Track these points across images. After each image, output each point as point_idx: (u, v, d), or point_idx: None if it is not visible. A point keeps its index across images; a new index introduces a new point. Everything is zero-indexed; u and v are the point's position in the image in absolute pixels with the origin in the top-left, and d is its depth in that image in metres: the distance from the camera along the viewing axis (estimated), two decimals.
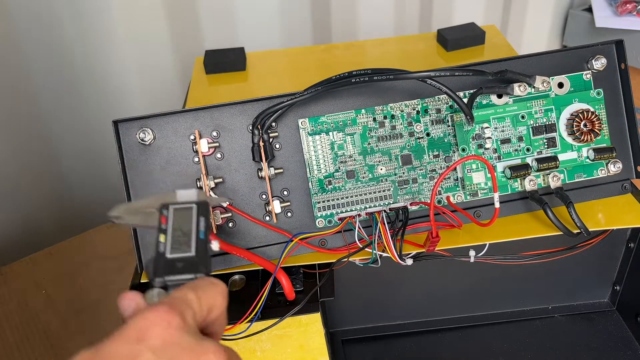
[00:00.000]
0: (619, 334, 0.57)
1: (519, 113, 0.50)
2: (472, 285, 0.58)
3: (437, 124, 0.50)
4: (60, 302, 0.70)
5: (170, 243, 0.32)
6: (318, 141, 0.49)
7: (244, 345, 0.49)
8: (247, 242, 0.49)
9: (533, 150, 0.51)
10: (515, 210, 0.52)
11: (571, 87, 0.51)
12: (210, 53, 0.76)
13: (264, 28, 0.96)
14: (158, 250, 0.32)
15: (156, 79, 0.91)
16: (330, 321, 0.58)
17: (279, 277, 0.47)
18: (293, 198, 0.49)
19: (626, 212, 0.51)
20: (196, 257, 0.32)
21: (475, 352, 0.56)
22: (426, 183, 0.51)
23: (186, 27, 0.89)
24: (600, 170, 0.52)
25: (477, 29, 0.78)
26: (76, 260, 0.77)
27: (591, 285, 0.59)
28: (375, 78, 0.45)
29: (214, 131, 0.48)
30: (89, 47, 0.83)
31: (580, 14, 1.20)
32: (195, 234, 0.33)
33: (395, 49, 0.79)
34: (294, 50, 0.82)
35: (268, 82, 0.72)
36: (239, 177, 0.49)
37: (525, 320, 0.59)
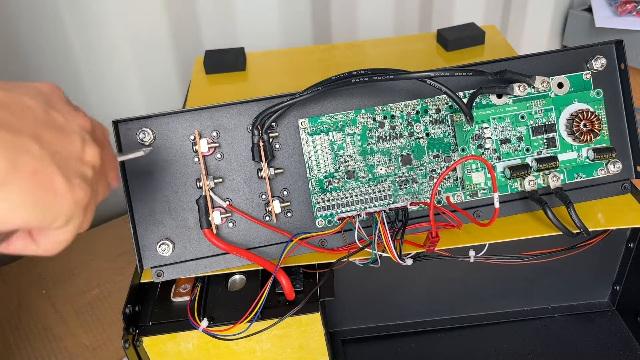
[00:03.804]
0: (619, 334, 0.57)
1: (518, 113, 0.50)
2: (472, 285, 0.58)
3: (436, 124, 0.50)
4: (60, 302, 0.70)
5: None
6: (318, 141, 0.49)
7: (244, 345, 0.49)
8: (247, 242, 0.49)
9: (533, 151, 0.51)
10: (515, 210, 0.52)
11: (571, 87, 0.51)
12: (210, 53, 0.76)
13: (264, 28, 0.96)
14: None
15: (156, 79, 0.91)
16: (330, 321, 0.58)
17: (278, 277, 0.47)
18: (293, 198, 0.49)
19: (626, 212, 0.51)
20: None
21: (475, 352, 0.56)
22: (426, 183, 0.51)
23: (186, 27, 0.89)
24: (600, 170, 0.52)
25: (477, 29, 0.78)
26: (76, 260, 0.77)
27: (591, 285, 0.59)
28: (375, 78, 0.45)
29: (214, 131, 0.48)
30: (89, 46, 0.83)
31: (580, 14, 1.21)
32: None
33: (395, 49, 0.79)
34: (294, 50, 0.82)
35: (268, 82, 0.72)
36: (239, 177, 0.49)
37: (525, 320, 0.59)
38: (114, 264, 0.76)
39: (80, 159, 0.29)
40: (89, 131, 0.31)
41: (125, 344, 0.46)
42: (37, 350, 0.63)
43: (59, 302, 0.70)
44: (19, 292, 0.72)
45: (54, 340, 0.65)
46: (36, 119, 0.28)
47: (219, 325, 0.46)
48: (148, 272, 0.49)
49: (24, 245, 0.29)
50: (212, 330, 0.46)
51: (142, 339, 0.47)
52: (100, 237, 0.81)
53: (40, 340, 0.65)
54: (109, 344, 0.64)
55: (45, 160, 0.26)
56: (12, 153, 0.25)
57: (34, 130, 0.27)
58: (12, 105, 0.27)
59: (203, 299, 0.50)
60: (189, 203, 0.48)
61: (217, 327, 0.46)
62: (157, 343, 0.48)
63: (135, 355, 0.47)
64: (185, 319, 0.47)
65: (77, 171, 0.29)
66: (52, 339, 0.65)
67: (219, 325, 0.46)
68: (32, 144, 0.26)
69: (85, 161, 0.30)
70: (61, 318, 0.68)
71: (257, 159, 0.48)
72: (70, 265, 0.76)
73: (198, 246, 0.49)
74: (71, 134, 0.29)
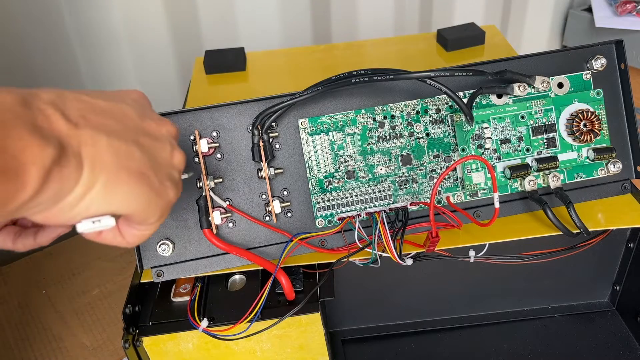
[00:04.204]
0: (619, 334, 0.57)
1: (518, 113, 0.50)
2: (472, 285, 0.58)
3: (436, 124, 0.50)
4: (60, 302, 0.70)
5: None
6: (318, 141, 0.49)
7: (244, 345, 0.49)
8: (247, 242, 0.49)
9: (533, 151, 0.51)
10: (515, 210, 0.52)
11: (571, 87, 0.51)
12: (210, 53, 0.76)
13: (264, 28, 0.96)
14: None
15: (156, 79, 0.91)
16: (330, 321, 0.58)
17: (278, 277, 0.47)
18: (293, 198, 0.49)
19: (626, 212, 0.51)
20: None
21: (475, 352, 0.56)
22: (426, 183, 0.51)
23: (186, 27, 0.89)
24: (600, 170, 0.52)
25: (477, 29, 0.78)
26: (76, 260, 0.77)
27: (591, 285, 0.59)
28: (375, 78, 0.45)
29: (214, 131, 0.48)
30: (89, 46, 0.83)
31: (580, 14, 1.21)
32: None
33: (395, 49, 0.79)
34: (294, 50, 0.82)
35: (268, 82, 0.72)
36: (239, 177, 0.49)
37: (525, 320, 0.59)
38: (114, 264, 0.76)
39: (170, 164, 0.33)
40: (175, 137, 0.35)
41: (125, 344, 0.46)
42: (37, 350, 0.63)
43: (59, 302, 0.70)
44: (19, 292, 0.72)
45: (54, 340, 0.65)
46: (135, 126, 0.31)
47: (219, 325, 0.46)
48: (148, 272, 0.49)
49: (113, 237, 0.33)
50: (212, 330, 0.46)
51: (142, 339, 0.47)
52: None
53: (40, 340, 0.65)
54: (109, 344, 0.64)
55: (145, 164, 0.30)
56: (123, 159, 0.28)
57: (134, 137, 0.30)
58: (116, 114, 0.30)
59: (203, 299, 0.50)
60: (189, 203, 0.48)
61: (217, 327, 0.46)
62: (157, 343, 0.48)
63: (135, 355, 0.47)
64: (185, 319, 0.47)
65: (168, 174, 0.32)
66: (52, 339, 0.65)
67: (219, 325, 0.46)
68: (135, 149, 0.29)
69: (174, 165, 0.33)
70: (61, 318, 0.68)
71: (257, 159, 0.48)
72: (70, 265, 0.76)
73: (198, 246, 0.49)
74: (162, 140, 0.33)
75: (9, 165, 0.22)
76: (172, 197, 0.32)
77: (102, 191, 0.27)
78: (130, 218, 0.31)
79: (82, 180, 0.26)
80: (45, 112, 0.25)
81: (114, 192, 0.28)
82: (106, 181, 0.27)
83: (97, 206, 0.27)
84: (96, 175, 0.27)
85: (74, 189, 0.26)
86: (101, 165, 0.27)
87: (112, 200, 0.28)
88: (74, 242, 0.80)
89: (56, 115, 0.26)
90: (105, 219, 0.28)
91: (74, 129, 0.26)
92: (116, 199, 0.28)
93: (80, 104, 0.28)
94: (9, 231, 0.39)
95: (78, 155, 0.26)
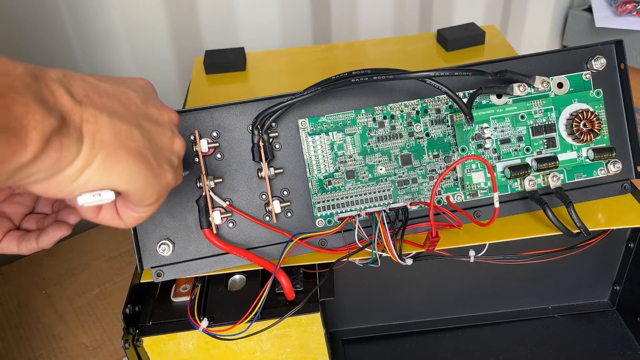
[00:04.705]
0: (619, 334, 0.57)
1: (518, 113, 0.50)
2: (472, 285, 0.58)
3: (436, 124, 0.50)
4: (60, 302, 0.70)
5: None
6: (318, 141, 0.49)
7: (244, 345, 0.49)
8: (247, 242, 0.49)
9: (533, 150, 0.51)
10: (515, 210, 0.52)
11: (571, 87, 0.51)
12: (210, 53, 0.76)
13: (264, 28, 0.96)
14: None
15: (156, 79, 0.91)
16: (330, 321, 0.58)
17: (278, 277, 0.47)
18: (293, 198, 0.49)
19: (626, 212, 0.51)
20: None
21: (475, 352, 0.56)
22: (426, 183, 0.51)
23: (186, 27, 0.89)
24: (600, 170, 0.52)
25: (477, 29, 0.78)
26: (76, 260, 0.77)
27: (591, 285, 0.59)
28: (375, 78, 0.45)
29: (214, 131, 0.48)
30: (89, 46, 0.83)
31: (580, 14, 1.21)
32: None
33: (395, 49, 0.79)
34: (294, 50, 0.82)
35: (268, 82, 0.72)
36: (239, 177, 0.49)
37: (525, 320, 0.59)
38: (114, 264, 0.76)
39: (170, 149, 0.34)
40: (176, 124, 0.36)
41: (125, 344, 0.46)
42: (37, 350, 0.63)
43: (59, 302, 0.70)
44: (19, 292, 0.72)
45: (54, 340, 0.65)
46: (138, 110, 0.32)
47: (219, 325, 0.46)
48: (148, 272, 0.49)
49: (111, 218, 0.34)
50: (212, 330, 0.46)
51: (142, 339, 0.47)
52: (100, 237, 0.81)
53: (40, 340, 0.65)
54: (109, 344, 0.64)
55: (145, 145, 0.31)
56: (123, 138, 0.29)
57: (136, 120, 0.31)
58: (121, 97, 0.31)
59: (203, 299, 0.50)
60: (189, 203, 0.48)
61: (217, 327, 0.46)
62: (157, 343, 0.48)
63: (135, 355, 0.47)
64: (185, 319, 0.47)
65: (167, 158, 0.33)
66: (52, 339, 0.65)
67: (219, 325, 0.46)
68: (136, 130, 0.30)
69: (173, 151, 0.34)
70: (61, 318, 0.68)
71: (257, 159, 0.48)
72: (70, 265, 0.76)
73: (198, 246, 0.49)
74: (164, 126, 0.34)
75: (12, 125, 0.23)
76: (170, 181, 0.33)
77: (100, 167, 0.28)
78: (128, 197, 0.31)
79: (82, 155, 0.27)
80: (52, 88, 0.26)
81: (113, 168, 0.29)
82: (105, 158, 0.28)
83: (96, 181, 0.28)
84: (95, 151, 0.28)
85: (73, 162, 0.27)
86: (101, 142, 0.28)
87: (111, 177, 0.29)
88: (74, 242, 0.80)
89: (61, 92, 0.27)
90: (105, 192, 0.29)
91: (77, 106, 0.27)
92: (114, 176, 0.29)
93: (85, 84, 0.29)
94: (13, 236, 0.39)
95: (79, 131, 0.27)
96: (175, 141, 0.34)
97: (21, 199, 0.41)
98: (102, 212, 0.33)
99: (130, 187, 0.30)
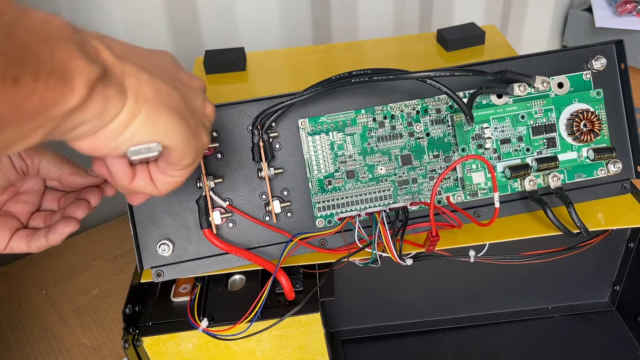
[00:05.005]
0: (619, 334, 0.57)
1: (518, 113, 0.50)
2: (472, 285, 0.58)
3: (437, 124, 0.50)
4: (60, 302, 0.70)
5: None
6: (318, 141, 0.49)
7: (244, 345, 0.49)
8: (247, 242, 0.49)
9: (533, 150, 0.51)
10: (515, 210, 0.52)
11: (571, 87, 0.51)
12: (210, 53, 0.76)
13: (264, 28, 0.96)
14: None
15: None
16: (330, 321, 0.58)
17: (278, 277, 0.47)
18: (293, 198, 0.49)
19: (626, 212, 0.51)
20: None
21: (475, 352, 0.56)
22: (426, 183, 0.51)
23: (186, 27, 0.89)
24: (600, 170, 0.52)
25: (477, 29, 0.78)
26: (76, 260, 0.77)
27: (591, 285, 0.59)
28: (375, 78, 0.45)
29: (214, 131, 0.48)
30: None
31: (580, 14, 1.20)
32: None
33: (395, 49, 0.79)
34: (294, 50, 0.82)
35: (268, 82, 0.72)
36: (239, 177, 0.49)
37: (525, 320, 0.59)
38: (114, 264, 0.76)
39: (203, 112, 0.34)
40: (204, 91, 0.37)
41: (125, 344, 0.46)
42: (37, 350, 0.63)
43: (59, 302, 0.70)
44: (19, 292, 0.72)
45: (54, 340, 0.65)
46: (171, 73, 0.33)
47: (219, 325, 0.46)
48: (148, 272, 0.49)
49: (145, 184, 0.34)
50: (212, 330, 0.46)
51: (142, 339, 0.47)
52: (100, 237, 0.81)
53: (40, 340, 0.65)
54: (109, 344, 0.64)
55: (183, 105, 0.31)
56: (163, 96, 0.30)
57: (172, 81, 0.32)
58: (154, 60, 0.32)
59: (203, 299, 0.50)
60: (189, 203, 0.48)
61: (217, 327, 0.46)
62: (157, 343, 0.48)
63: (135, 355, 0.47)
64: (185, 319, 0.47)
65: (201, 121, 0.34)
66: (52, 339, 0.65)
67: (219, 325, 0.46)
68: (174, 91, 0.31)
69: (206, 114, 0.35)
70: (61, 318, 0.67)
71: (257, 159, 0.48)
72: (70, 265, 0.76)
73: (198, 246, 0.49)
74: (195, 90, 0.35)
75: (58, 69, 0.24)
76: (206, 143, 0.34)
77: (145, 121, 0.29)
78: (170, 155, 0.31)
79: (127, 107, 0.27)
80: (92, 42, 0.27)
81: (157, 122, 0.29)
82: (149, 112, 0.29)
83: (142, 135, 0.29)
84: (140, 105, 0.28)
85: (119, 115, 0.27)
86: (144, 97, 0.28)
87: (156, 130, 0.29)
88: (74, 242, 0.80)
89: (101, 47, 0.27)
90: (153, 145, 0.30)
91: (118, 60, 0.28)
92: (159, 130, 0.29)
93: (122, 45, 0.30)
94: (21, 235, 0.39)
95: (122, 84, 0.27)
96: (206, 105, 0.35)
97: (26, 197, 0.41)
98: (136, 178, 0.33)
99: (174, 142, 0.30)
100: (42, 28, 0.24)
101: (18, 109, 0.22)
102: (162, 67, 0.32)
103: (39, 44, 0.23)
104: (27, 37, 0.23)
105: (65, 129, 0.26)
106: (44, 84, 0.23)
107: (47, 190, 0.43)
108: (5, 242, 0.39)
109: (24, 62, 0.22)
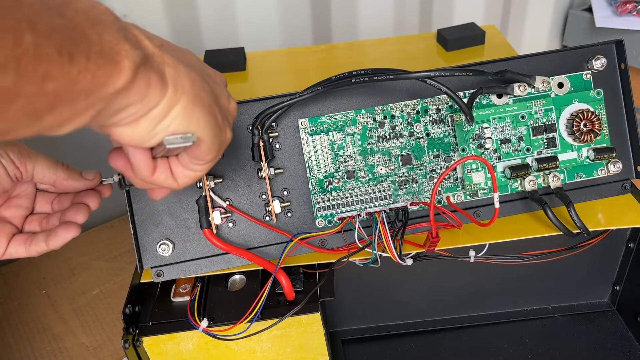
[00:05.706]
0: (619, 334, 0.57)
1: (519, 113, 0.50)
2: (472, 285, 0.58)
3: (437, 124, 0.50)
4: (60, 302, 0.70)
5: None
6: (318, 141, 0.49)
7: (244, 345, 0.49)
8: (247, 242, 0.49)
9: (533, 150, 0.51)
10: (515, 210, 0.52)
11: (571, 87, 0.51)
12: (210, 53, 0.76)
13: (264, 28, 0.96)
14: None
15: None
16: (330, 321, 0.58)
17: (278, 277, 0.47)
18: (293, 198, 0.49)
19: (626, 212, 0.51)
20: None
21: (475, 352, 0.56)
22: (426, 183, 0.51)
23: (186, 27, 0.89)
24: (600, 170, 0.52)
25: (477, 29, 0.78)
26: (76, 260, 0.77)
27: (591, 285, 0.59)
28: (375, 78, 0.45)
29: None
30: None
31: (580, 14, 1.21)
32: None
33: (395, 49, 0.79)
34: (294, 50, 0.82)
35: (268, 82, 0.72)
36: (239, 177, 0.49)
37: (525, 320, 0.59)
38: (114, 264, 0.76)
39: (227, 108, 0.35)
40: (227, 86, 0.37)
41: (125, 344, 0.46)
42: (37, 350, 0.63)
43: (59, 302, 0.70)
44: (19, 292, 0.72)
45: (54, 340, 0.65)
46: (200, 67, 0.33)
47: (219, 325, 0.46)
48: (148, 272, 0.49)
49: (165, 177, 0.34)
50: (212, 330, 0.46)
51: (142, 339, 0.47)
52: (100, 237, 0.81)
53: (40, 340, 0.65)
54: (109, 344, 0.64)
55: (212, 99, 0.32)
56: (198, 88, 0.30)
57: (202, 75, 0.32)
58: (185, 54, 0.32)
59: (203, 299, 0.50)
60: (188, 203, 0.48)
61: (217, 327, 0.46)
62: (157, 343, 0.48)
63: (135, 355, 0.47)
64: (185, 319, 0.47)
65: (226, 116, 0.34)
66: (52, 339, 0.65)
67: (219, 325, 0.46)
68: (206, 85, 0.31)
69: (229, 110, 0.35)
70: (61, 318, 0.67)
71: (257, 159, 0.48)
72: (70, 265, 0.76)
73: (198, 246, 0.49)
74: (221, 85, 0.35)
75: (106, 50, 0.25)
76: (229, 138, 0.34)
77: (182, 111, 0.29)
78: (197, 147, 0.32)
79: (167, 96, 0.28)
80: (133, 32, 0.28)
81: (192, 114, 0.30)
82: (186, 103, 0.29)
83: (177, 125, 0.29)
84: (178, 95, 0.29)
85: (160, 103, 0.28)
86: (182, 88, 0.29)
87: (190, 122, 0.30)
88: (74, 242, 0.79)
89: (142, 36, 0.28)
90: (189, 135, 0.30)
91: (158, 50, 0.28)
92: (193, 122, 0.30)
93: (159, 37, 0.30)
94: (19, 240, 0.39)
95: (162, 73, 0.28)
96: (230, 102, 0.35)
97: (19, 201, 0.41)
98: (157, 171, 0.34)
99: (203, 135, 0.31)
100: (89, 12, 0.25)
101: (73, 85, 0.23)
102: (192, 60, 0.33)
103: (87, 26, 0.24)
104: (78, 19, 0.24)
105: (111, 111, 0.26)
106: (95, 64, 0.24)
107: (39, 193, 0.42)
108: (3, 248, 0.39)
109: (76, 41, 0.23)
